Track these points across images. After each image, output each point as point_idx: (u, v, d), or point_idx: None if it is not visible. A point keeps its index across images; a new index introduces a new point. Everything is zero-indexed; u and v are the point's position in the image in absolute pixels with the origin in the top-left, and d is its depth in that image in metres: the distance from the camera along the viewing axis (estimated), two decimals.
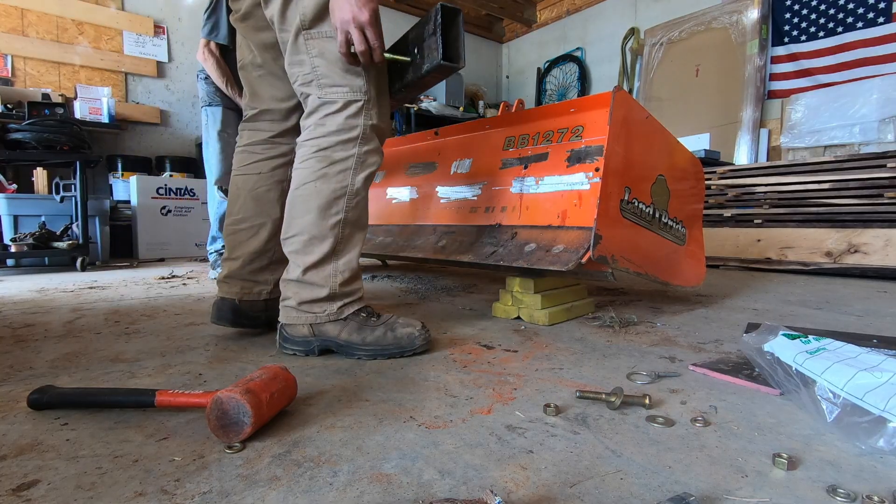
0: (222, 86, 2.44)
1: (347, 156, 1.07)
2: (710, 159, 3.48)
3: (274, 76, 1.27)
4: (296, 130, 1.30)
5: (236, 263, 1.27)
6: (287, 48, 1.10)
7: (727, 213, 3.12)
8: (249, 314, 1.27)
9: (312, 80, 1.07)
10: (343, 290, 1.09)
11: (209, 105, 2.55)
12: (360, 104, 1.06)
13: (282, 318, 1.11)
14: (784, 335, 0.89)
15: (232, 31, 2.41)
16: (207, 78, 2.53)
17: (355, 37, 1.00)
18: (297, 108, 1.29)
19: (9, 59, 4.12)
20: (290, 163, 1.29)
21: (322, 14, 1.03)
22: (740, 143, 4.11)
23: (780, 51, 4.02)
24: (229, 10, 2.35)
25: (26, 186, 3.70)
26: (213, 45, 2.39)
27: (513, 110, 1.65)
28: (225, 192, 2.54)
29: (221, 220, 2.54)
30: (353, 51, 1.03)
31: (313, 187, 1.06)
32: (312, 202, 1.06)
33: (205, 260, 3.70)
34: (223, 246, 2.55)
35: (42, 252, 3.01)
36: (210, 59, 2.39)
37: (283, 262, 1.22)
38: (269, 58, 1.26)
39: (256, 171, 1.29)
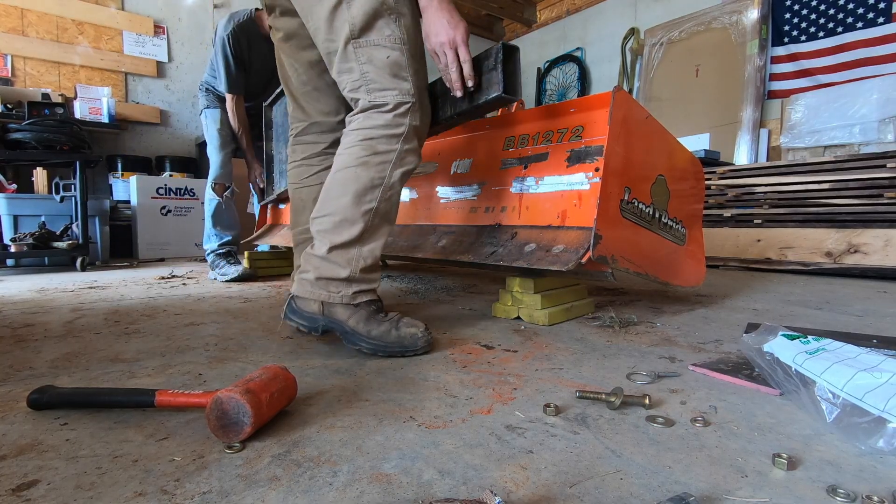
0: (238, 136, 2.56)
1: (390, 149, 1.11)
2: (710, 159, 3.48)
3: (319, 91, 1.33)
4: None
5: None
6: (335, 57, 1.14)
7: (727, 213, 3.12)
8: None
9: (361, 85, 1.12)
10: (362, 275, 1.12)
11: (207, 108, 2.60)
12: (408, 105, 1.11)
13: (295, 290, 1.13)
14: (784, 335, 0.89)
15: (243, 82, 2.48)
16: (209, 90, 2.59)
17: (462, 55, 1.11)
18: (345, 121, 1.35)
19: (9, 58, 4.12)
20: None
21: (370, 23, 1.08)
22: (740, 143, 4.11)
23: (780, 51, 4.02)
24: (236, 60, 2.38)
25: (26, 186, 3.70)
26: (237, 99, 2.49)
27: (513, 110, 1.65)
28: (217, 190, 2.55)
29: (214, 217, 2.57)
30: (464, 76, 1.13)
31: (353, 172, 1.10)
32: (350, 186, 1.10)
33: (205, 260, 3.70)
34: (219, 245, 2.56)
35: (42, 252, 3.02)
36: (234, 114, 2.51)
37: None
38: (314, 74, 1.31)
39: (318, 182, 1.35)
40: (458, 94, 1.17)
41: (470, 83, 1.14)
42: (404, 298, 1.84)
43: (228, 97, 2.45)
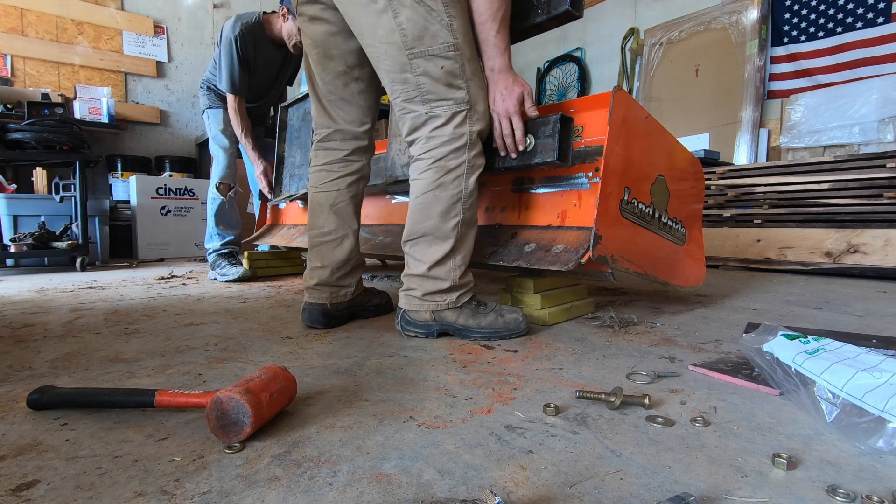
0: (240, 135, 2.52)
1: (460, 163, 1.17)
2: (710, 159, 3.48)
3: (344, 101, 1.37)
4: (367, 149, 1.44)
5: (325, 272, 1.38)
6: (385, 62, 1.17)
7: (727, 213, 3.12)
8: (336, 315, 1.39)
9: (416, 96, 1.16)
10: (461, 282, 1.22)
11: (210, 108, 2.59)
12: (464, 114, 1.16)
13: (404, 306, 1.25)
14: (783, 335, 0.89)
15: (243, 81, 2.47)
16: (210, 89, 2.58)
17: (505, 125, 1.23)
18: (369, 130, 1.42)
19: (8, 58, 4.12)
20: (362, 178, 1.45)
21: (422, 33, 1.11)
22: (740, 143, 4.11)
23: (780, 51, 4.02)
24: (241, 62, 2.39)
25: (26, 186, 3.70)
26: (239, 100, 2.47)
27: None
28: (221, 190, 2.55)
29: (217, 217, 2.57)
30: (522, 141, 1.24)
31: (433, 196, 1.18)
32: (434, 209, 1.18)
33: (204, 260, 3.70)
34: (222, 245, 2.56)
35: (41, 252, 3.01)
36: (236, 114, 2.47)
37: (362, 266, 1.46)
38: (339, 85, 1.35)
39: (335, 188, 1.40)
40: (513, 155, 1.28)
41: (521, 147, 1.25)
42: None
43: (231, 98, 2.45)
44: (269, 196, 2.69)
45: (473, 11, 1.18)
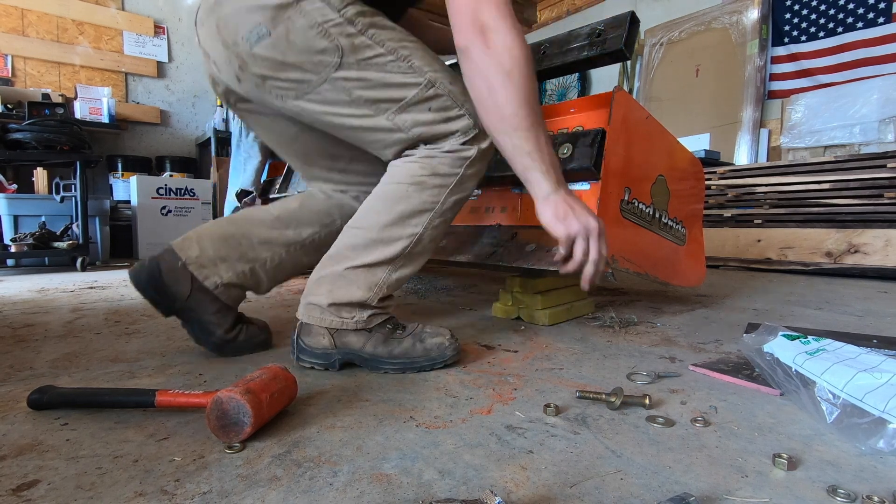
0: None
1: (451, 173, 0.98)
2: (710, 159, 3.48)
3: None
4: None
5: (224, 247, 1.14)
6: (371, 136, 1.01)
7: (727, 213, 3.12)
8: (170, 284, 1.08)
9: (419, 145, 1.00)
10: (379, 304, 0.99)
11: None
12: (472, 135, 0.98)
13: (301, 315, 1.00)
14: (784, 336, 0.89)
15: None
16: None
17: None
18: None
19: (9, 59, 4.12)
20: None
21: (388, 91, 0.95)
22: (740, 143, 4.10)
23: (781, 51, 4.02)
24: None
25: (26, 186, 3.70)
26: None
27: None
28: (240, 196, 2.54)
29: None
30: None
31: (404, 190, 0.97)
32: (398, 205, 0.97)
33: None
34: None
35: (42, 252, 3.01)
36: None
37: (245, 290, 1.14)
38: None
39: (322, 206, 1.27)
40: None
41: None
42: (404, 299, 1.84)
43: None
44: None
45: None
